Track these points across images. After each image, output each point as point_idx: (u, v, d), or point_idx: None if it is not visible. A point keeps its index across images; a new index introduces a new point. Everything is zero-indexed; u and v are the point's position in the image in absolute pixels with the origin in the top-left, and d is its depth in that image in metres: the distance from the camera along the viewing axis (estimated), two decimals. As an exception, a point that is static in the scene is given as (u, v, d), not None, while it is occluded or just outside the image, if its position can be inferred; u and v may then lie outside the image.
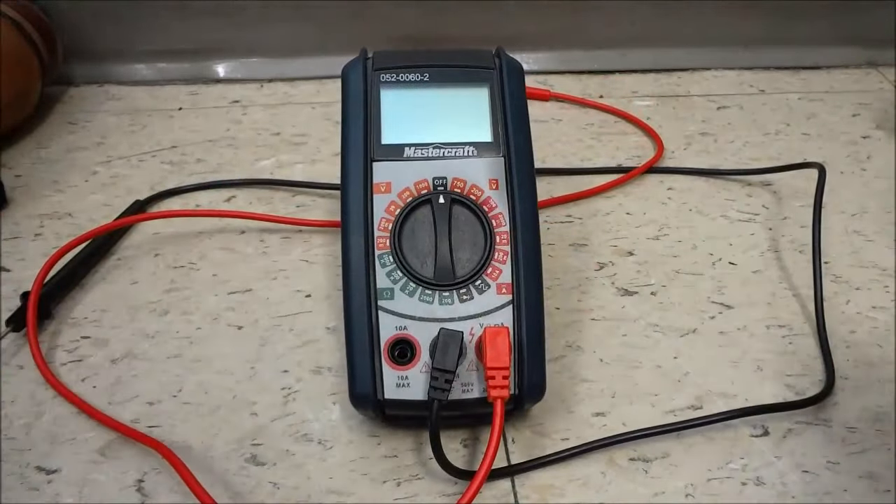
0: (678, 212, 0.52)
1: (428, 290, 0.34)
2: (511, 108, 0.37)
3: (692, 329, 0.43)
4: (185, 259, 0.47)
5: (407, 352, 0.34)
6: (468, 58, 0.39)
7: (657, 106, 0.65)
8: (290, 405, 0.38)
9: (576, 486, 0.35)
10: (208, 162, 0.56)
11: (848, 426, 0.37)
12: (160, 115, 0.61)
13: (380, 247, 0.35)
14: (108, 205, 0.51)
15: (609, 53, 0.70)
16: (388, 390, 0.34)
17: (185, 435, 0.36)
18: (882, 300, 0.45)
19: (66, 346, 0.41)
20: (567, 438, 0.37)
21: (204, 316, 0.43)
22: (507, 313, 0.34)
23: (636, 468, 0.35)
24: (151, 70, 0.67)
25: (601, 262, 0.48)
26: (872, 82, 0.69)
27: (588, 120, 0.63)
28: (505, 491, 0.34)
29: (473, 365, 0.34)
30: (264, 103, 0.64)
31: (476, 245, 0.35)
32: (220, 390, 0.39)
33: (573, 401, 0.39)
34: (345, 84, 0.38)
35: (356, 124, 0.37)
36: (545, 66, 0.69)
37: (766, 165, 0.56)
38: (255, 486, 0.34)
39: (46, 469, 0.35)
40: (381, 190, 0.36)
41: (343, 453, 0.36)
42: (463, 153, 0.37)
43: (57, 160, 0.56)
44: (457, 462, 0.34)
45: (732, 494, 0.34)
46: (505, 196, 0.36)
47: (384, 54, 0.39)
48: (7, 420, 0.37)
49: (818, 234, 0.46)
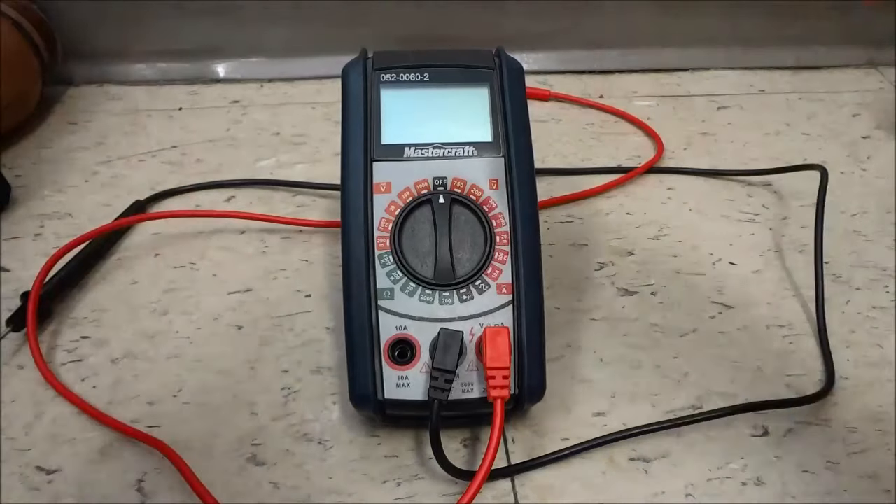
0: (678, 212, 0.52)
1: (428, 290, 0.34)
2: (511, 108, 0.37)
3: (692, 329, 0.43)
4: (185, 259, 0.47)
5: (407, 352, 0.34)
6: (468, 58, 0.39)
7: (657, 106, 0.65)
8: (290, 405, 0.38)
9: (576, 486, 0.35)
10: (208, 162, 0.56)
11: (848, 426, 0.37)
12: (160, 115, 0.61)
13: (380, 247, 0.35)
14: (109, 205, 0.51)
15: (609, 53, 0.70)
16: (388, 390, 0.34)
17: (185, 435, 0.36)
18: (882, 300, 0.45)
19: (66, 346, 0.41)
20: (567, 438, 0.37)
21: (204, 316, 0.43)
22: (507, 313, 0.34)
23: (636, 468, 0.35)
24: (151, 70, 0.67)
25: (601, 262, 0.48)
26: (872, 82, 0.69)
27: (588, 120, 0.63)
28: (505, 491, 0.34)
29: (473, 365, 0.34)
30: (264, 103, 0.64)
31: (476, 245, 0.35)
32: (220, 390, 0.39)
33: (573, 401, 0.39)
34: (345, 84, 0.38)
35: (356, 124, 0.37)
36: (545, 66, 0.69)
37: (766, 166, 0.56)
38: (255, 486, 0.34)
39: (46, 469, 0.35)
40: (382, 190, 0.36)
41: (343, 453, 0.36)
42: (463, 153, 0.37)
43: (57, 160, 0.56)
44: (457, 462, 0.34)
45: (732, 494, 0.34)
46: (505, 196, 0.36)
47: (384, 54, 0.39)
48: (7, 420, 0.37)
49: (821, 236, 0.46)
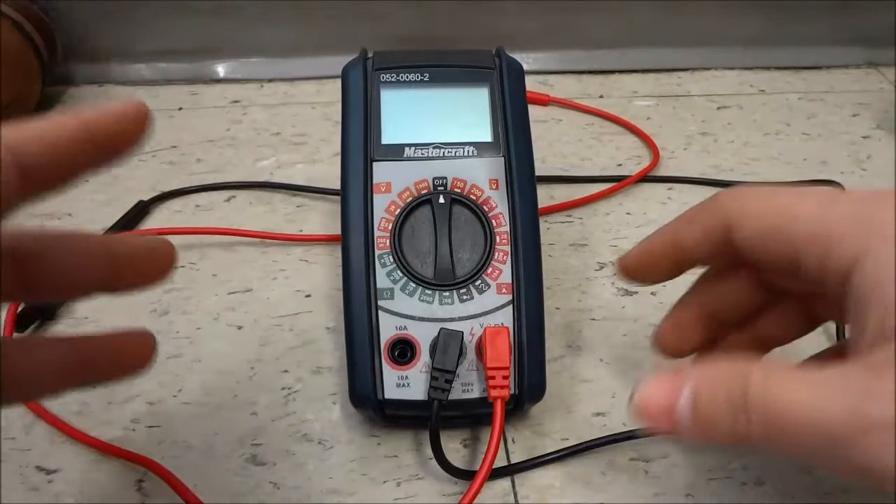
0: (679, 212, 0.52)
1: (428, 290, 0.34)
2: (511, 109, 0.37)
3: (692, 329, 0.43)
4: (185, 259, 0.47)
5: (407, 352, 0.34)
6: (468, 58, 0.39)
7: (657, 106, 0.65)
8: (290, 405, 0.38)
9: (576, 486, 0.35)
10: (208, 162, 0.56)
11: (848, 426, 0.37)
12: (160, 115, 0.61)
13: (380, 247, 0.35)
14: (109, 205, 0.51)
15: (609, 53, 0.70)
16: (388, 390, 0.34)
17: (185, 435, 0.36)
18: (882, 300, 0.45)
19: (67, 346, 0.41)
20: (567, 438, 0.37)
21: (204, 316, 0.43)
22: (507, 313, 0.34)
23: (636, 468, 0.35)
24: (151, 70, 0.67)
25: (601, 262, 0.48)
26: (872, 82, 0.69)
27: (588, 120, 0.63)
28: (505, 491, 0.34)
29: (473, 365, 0.34)
30: (264, 103, 0.64)
31: (476, 245, 0.35)
32: (220, 390, 0.39)
33: (573, 401, 0.39)
34: (345, 84, 0.38)
35: (356, 124, 0.37)
36: (545, 66, 0.69)
37: (766, 166, 0.56)
38: (255, 486, 0.34)
39: (46, 469, 0.35)
40: (381, 190, 0.36)
41: (343, 453, 0.36)
42: (463, 153, 0.37)
43: (57, 160, 0.56)
44: (457, 462, 0.34)
45: (732, 494, 0.34)
46: (505, 196, 0.36)
47: (384, 54, 0.39)
48: (7, 420, 0.37)
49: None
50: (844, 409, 0.20)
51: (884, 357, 0.21)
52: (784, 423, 0.21)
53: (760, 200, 0.27)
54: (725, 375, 0.23)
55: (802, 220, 0.25)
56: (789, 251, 0.26)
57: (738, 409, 0.22)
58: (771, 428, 0.22)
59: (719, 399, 0.22)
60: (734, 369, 0.23)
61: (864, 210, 0.24)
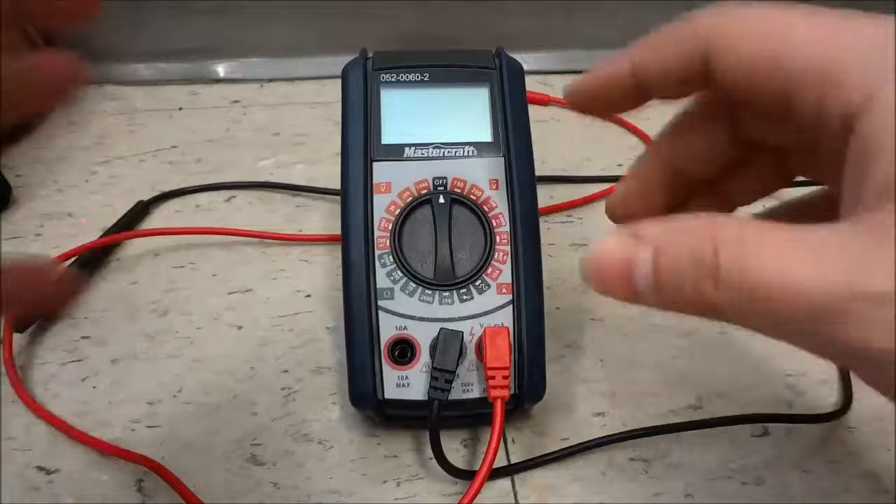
0: (678, 212, 0.52)
1: (428, 290, 0.34)
2: (511, 109, 0.37)
3: (692, 329, 0.43)
4: (185, 259, 0.47)
5: (407, 352, 0.34)
6: (468, 58, 0.39)
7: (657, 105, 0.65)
8: (290, 405, 0.38)
9: (576, 486, 0.35)
10: (208, 162, 0.56)
11: (848, 426, 0.37)
12: (160, 115, 0.61)
13: (380, 247, 0.35)
14: (109, 205, 0.51)
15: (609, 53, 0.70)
16: (388, 390, 0.34)
17: (185, 435, 0.36)
18: (882, 300, 0.45)
19: (67, 346, 0.41)
20: (567, 438, 0.37)
21: (204, 316, 0.43)
22: (507, 313, 0.34)
23: (636, 468, 0.35)
24: (151, 70, 0.67)
25: (601, 262, 0.47)
26: (872, 82, 0.69)
27: (588, 120, 0.63)
28: (505, 491, 0.34)
29: (473, 365, 0.34)
30: (264, 103, 0.64)
31: (476, 245, 0.35)
32: (220, 390, 0.39)
33: (573, 401, 0.39)
34: (345, 84, 0.38)
35: (356, 124, 0.37)
36: (545, 66, 0.69)
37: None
38: (255, 486, 0.34)
39: (46, 469, 0.35)
40: (381, 190, 0.36)
41: (343, 453, 0.36)
42: (463, 153, 0.37)
43: (57, 160, 0.56)
44: (457, 462, 0.34)
45: (732, 494, 0.34)
46: (505, 196, 0.36)
47: (384, 54, 0.39)
48: (7, 420, 0.37)
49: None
50: (840, 280, 0.17)
51: (889, 219, 0.17)
52: (762, 292, 0.18)
53: (750, 21, 0.22)
54: (692, 234, 0.19)
55: (800, 47, 0.20)
56: (781, 86, 0.21)
57: (706, 274, 0.19)
58: (745, 297, 0.18)
59: (683, 260, 0.19)
60: (701, 227, 0.19)
61: (882, 35, 0.19)
